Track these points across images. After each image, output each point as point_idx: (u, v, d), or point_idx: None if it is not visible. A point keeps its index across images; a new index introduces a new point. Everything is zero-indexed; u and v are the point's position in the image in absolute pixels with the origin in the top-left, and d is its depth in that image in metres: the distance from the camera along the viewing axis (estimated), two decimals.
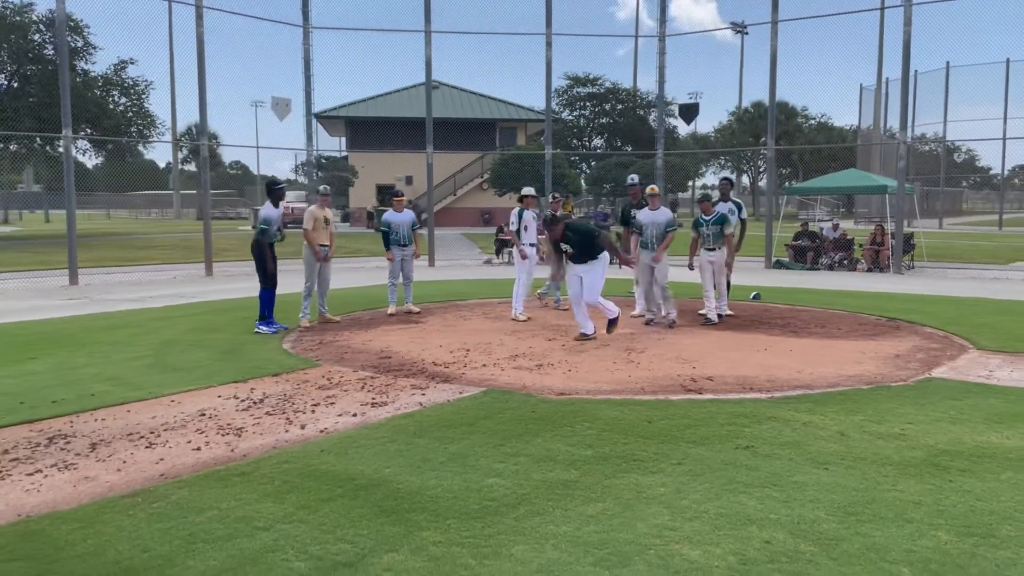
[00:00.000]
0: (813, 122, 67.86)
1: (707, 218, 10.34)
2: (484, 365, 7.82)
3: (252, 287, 14.79)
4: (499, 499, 4.26)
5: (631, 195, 11.20)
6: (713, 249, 10.36)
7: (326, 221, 10.62)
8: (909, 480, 4.53)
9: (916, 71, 36.50)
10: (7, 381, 7.06)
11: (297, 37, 20.44)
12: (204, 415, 5.98)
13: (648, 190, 10.38)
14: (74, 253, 16.18)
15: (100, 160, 39.02)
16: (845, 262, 19.62)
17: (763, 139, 60.51)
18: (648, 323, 10.31)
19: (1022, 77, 43.65)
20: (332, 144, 55.51)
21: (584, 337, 9.21)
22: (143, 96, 34.97)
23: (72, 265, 16.15)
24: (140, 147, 38.65)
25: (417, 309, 11.61)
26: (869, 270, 19.02)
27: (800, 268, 19.64)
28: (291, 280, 12.14)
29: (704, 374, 7.35)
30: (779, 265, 19.96)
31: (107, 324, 10.52)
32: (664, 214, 10.20)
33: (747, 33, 61.26)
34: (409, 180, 42.31)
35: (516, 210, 11.41)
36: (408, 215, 11.60)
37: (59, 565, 3.50)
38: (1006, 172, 55.83)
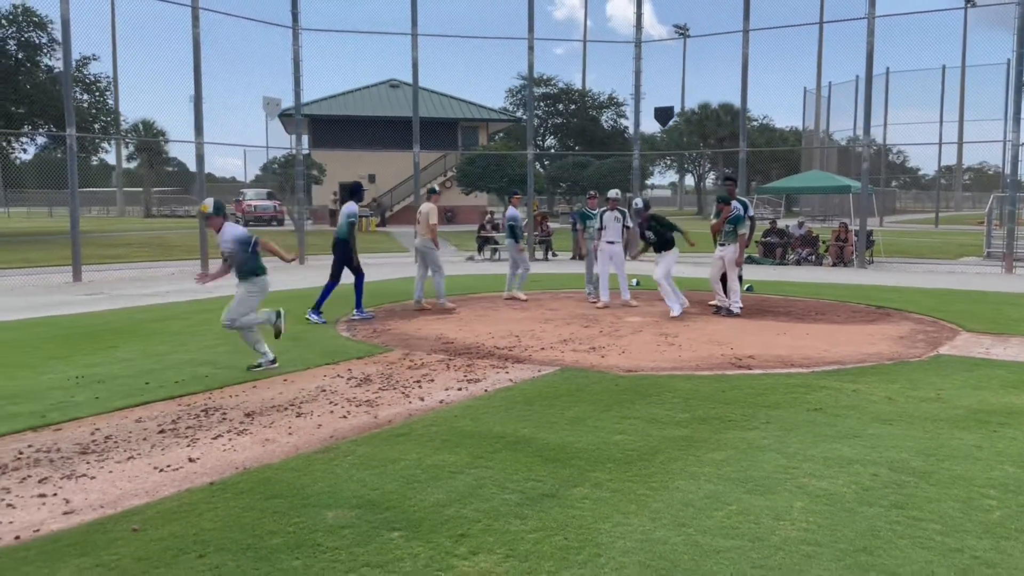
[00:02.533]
0: (756, 123, 70.15)
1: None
2: (542, 348, 8.60)
3: None
4: (636, 450, 5.07)
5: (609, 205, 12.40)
6: (724, 244, 11.32)
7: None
8: (962, 431, 5.47)
9: (858, 76, 38.36)
10: (113, 367, 7.58)
11: (248, 32, 20.96)
12: (325, 391, 6.65)
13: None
14: (78, 250, 16.40)
15: (29, 157, 38.52)
16: (811, 257, 20.91)
17: (710, 139, 62.51)
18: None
19: (957, 83, 46.15)
20: (288, 141, 55.51)
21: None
22: (106, 93, 34.89)
23: (76, 262, 16.37)
24: (105, 144, 38.24)
25: (524, 297, 12.80)
26: (834, 265, 20.30)
27: (770, 263, 20.86)
28: (312, 273, 12.73)
29: (744, 354, 8.26)
30: (750, 260, 21.12)
31: (152, 317, 10.97)
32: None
33: (689, 36, 63.48)
34: (372, 178, 42.69)
35: (600, 210, 12.53)
36: None
37: (313, 499, 4.18)
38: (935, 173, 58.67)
